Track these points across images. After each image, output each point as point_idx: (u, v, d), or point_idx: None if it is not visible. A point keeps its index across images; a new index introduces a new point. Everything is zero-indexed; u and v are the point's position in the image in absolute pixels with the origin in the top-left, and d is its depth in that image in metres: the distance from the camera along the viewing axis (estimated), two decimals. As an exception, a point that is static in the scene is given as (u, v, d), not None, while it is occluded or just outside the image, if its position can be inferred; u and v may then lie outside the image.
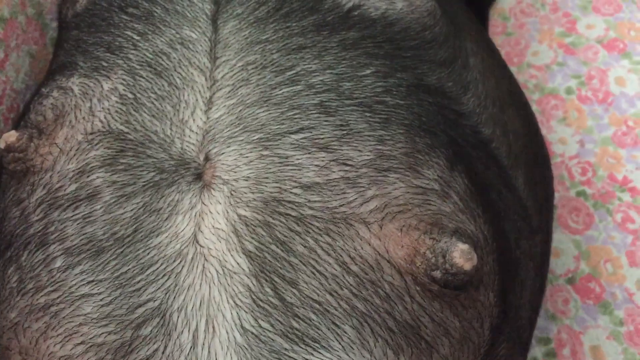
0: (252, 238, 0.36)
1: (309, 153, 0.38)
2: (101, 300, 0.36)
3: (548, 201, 0.50)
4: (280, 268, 0.35)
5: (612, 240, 0.58)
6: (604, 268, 0.57)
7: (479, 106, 0.45)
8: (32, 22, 0.56)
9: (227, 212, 0.37)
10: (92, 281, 0.37)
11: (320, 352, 0.34)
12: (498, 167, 0.44)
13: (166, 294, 0.36)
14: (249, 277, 0.35)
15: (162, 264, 0.36)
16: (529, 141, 0.49)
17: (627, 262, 0.57)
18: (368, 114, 0.40)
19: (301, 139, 0.39)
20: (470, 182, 0.40)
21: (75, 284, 0.37)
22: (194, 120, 0.40)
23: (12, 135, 0.41)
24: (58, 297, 0.37)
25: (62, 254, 0.38)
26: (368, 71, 0.42)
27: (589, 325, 0.55)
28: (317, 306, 0.35)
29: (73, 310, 0.37)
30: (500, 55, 0.55)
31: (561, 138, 0.66)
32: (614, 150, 0.63)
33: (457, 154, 0.41)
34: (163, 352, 0.35)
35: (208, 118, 0.40)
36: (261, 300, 0.35)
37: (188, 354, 0.34)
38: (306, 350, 0.34)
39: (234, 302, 0.35)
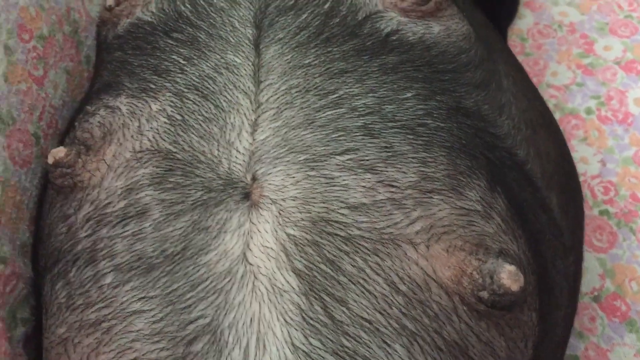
0: (302, 257, 0.37)
1: (355, 174, 0.39)
2: (153, 316, 0.37)
3: (579, 221, 0.51)
4: (330, 287, 0.36)
5: (636, 259, 0.59)
6: (629, 286, 0.58)
7: (514, 128, 0.46)
8: (68, 40, 0.57)
9: (276, 231, 0.38)
10: (143, 298, 0.38)
11: (371, 371, 0.35)
12: (533, 188, 0.45)
13: (216, 311, 0.37)
14: (298, 295, 0.36)
15: (211, 282, 0.37)
16: (561, 162, 0.50)
17: (651, 281, 0.58)
18: (411, 137, 0.41)
19: (347, 160, 0.40)
20: (509, 203, 0.41)
21: (126, 300, 0.38)
22: (240, 141, 0.41)
23: (60, 151, 0.42)
24: (109, 313, 0.38)
25: (112, 271, 0.39)
26: (409, 94, 0.43)
27: (615, 343, 0.56)
28: (367, 325, 0.35)
29: (125, 326, 0.37)
30: (528, 77, 0.56)
31: (582, 157, 0.67)
32: (636, 170, 0.64)
33: (495, 176, 0.42)
34: (215, 369, 0.35)
35: (254, 139, 0.41)
36: (311, 318, 0.36)
37: (240, 370, 0.35)
38: (357, 368, 0.35)
39: (284, 319, 0.36)
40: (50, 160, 0.42)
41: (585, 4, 0.81)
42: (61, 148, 0.42)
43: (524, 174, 0.45)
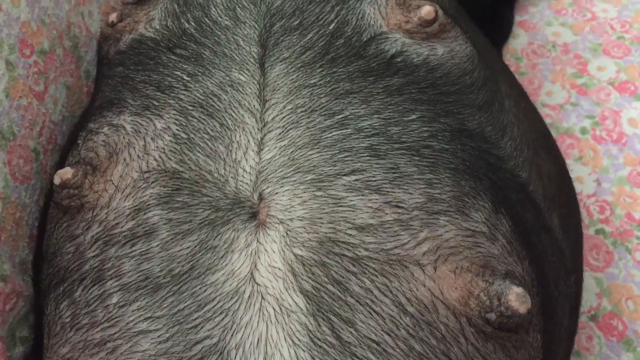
0: (309, 277, 0.37)
1: (362, 195, 0.39)
2: (159, 336, 0.37)
3: (579, 242, 0.51)
4: (338, 307, 0.36)
5: (633, 278, 0.60)
6: (626, 305, 0.58)
7: (516, 149, 0.46)
8: (68, 55, 0.57)
9: (283, 251, 0.38)
10: (150, 317, 0.38)
11: (380, 391, 0.35)
12: (535, 210, 0.45)
13: (223, 331, 0.36)
14: (306, 316, 0.36)
15: (219, 302, 0.37)
16: (561, 183, 0.50)
17: (648, 300, 0.58)
18: (416, 158, 0.41)
19: (353, 180, 0.40)
20: (513, 224, 0.41)
21: (132, 320, 0.38)
22: (246, 160, 0.41)
23: (67, 172, 0.41)
24: (115, 333, 0.38)
25: (118, 290, 0.39)
26: (414, 116, 0.43)
27: (613, 363, 0.56)
28: (375, 346, 0.35)
29: (131, 346, 0.37)
30: (529, 98, 0.57)
31: (578, 177, 0.67)
32: (630, 190, 0.65)
33: (499, 197, 0.42)
34: (222, 389, 0.35)
35: (260, 159, 0.41)
36: (319, 339, 0.36)
37: (247, 391, 0.35)
38: (366, 389, 0.35)
39: (292, 340, 0.36)
40: (57, 181, 0.41)
41: (579, 24, 0.82)
42: (68, 169, 0.42)
43: (527, 195, 0.45)
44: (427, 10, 0.47)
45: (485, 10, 0.81)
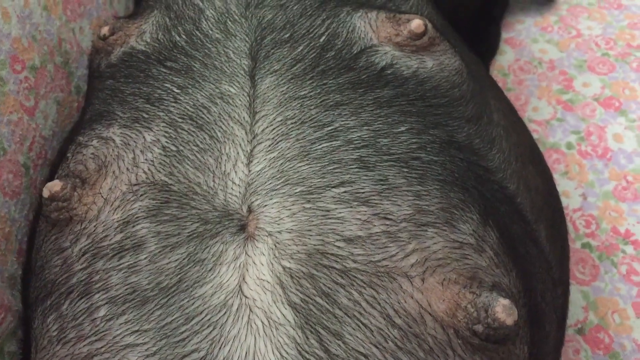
0: (297, 290, 0.37)
1: (351, 207, 0.39)
2: (146, 350, 0.37)
3: (565, 254, 0.52)
4: (326, 320, 0.36)
5: (618, 292, 0.60)
6: (612, 319, 0.59)
7: (504, 162, 0.47)
8: (59, 70, 0.57)
9: (272, 264, 0.38)
10: (137, 331, 0.37)
11: (368, 404, 0.35)
12: (523, 222, 0.45)
13: (211, 344, 0.36)
14: (294, 329, 0.36)
15: (206, 315, 0.37)
16: (548, 196, 0.51)
17: (634, 313, 0.59)
18: (405, 170, 0.41)
19: (342, 192, 0.40)
20: (501, 236, 0.42)
21: (120, 334, 0.37)
22: (235, 172, 0.41)
23: (56, 185, 0.41)
24: (102, 347, 0.37)
25: (106, 303, 0.38)
26: (403, 128, 0.44)
27: (601, 376, 0.56)
28: (363, 358, 0.35)
29: (118, 360, 0.37)
30: (517, 112, 0.57)
31: (564, 191, 0.68)
32: (616, 204, 0.66)
33: (487, 209, 0.43)
34: (211, 403, 0.35)
35: (250, 171, 0.41)
36: (307, 352, 0.36)
37: (235, 404, 0.35)
38: (354, 401, 0.35)
39: (280, 353, 0.36)
40: (45, 194, 0.41)
41: (564, 41, 0.83)
42: (57, 182, 0.42)
43: (515, 207, 0.45)
44: (416, 24, 0.47)
45: (473, 27, 0.83)
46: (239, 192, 0.41)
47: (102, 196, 0.41)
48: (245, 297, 0.37)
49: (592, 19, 0.85)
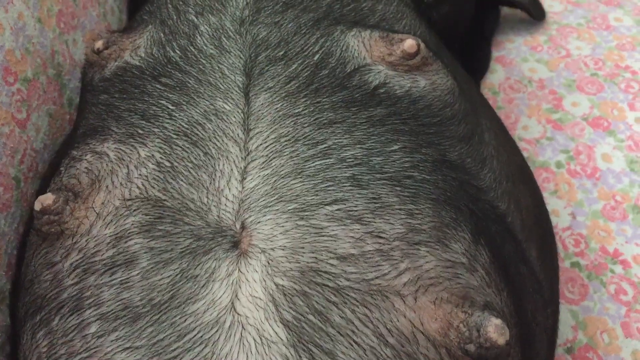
0: (290, 307, 0.37)
1: (344, 225, 0.40)
2: (137, 367, 0.36)
3: (555, 274, 0.52)
4: (318, 338, 0.36)
5: (607, 311, 0.61)
6: (601, 338, 0.59)
7: (495, 181, 0.47)
8: (52, 83, 0.57)
9: (265, 281, 0.38)
10: (129, 348, 0.37)
11: (360, 423, 0.35)
12: (514, 241, 0.46)
13: (203, 362, 0.36)
14: (287, 347, 0.36)
15: (199, 332, 0.37)
16: (538, 215, 0.51)
17: (622, 333, 0.59)
18: (398, 188, 0.42)
19: (335, 210, 0.40)
20: (492, 256, 0.42)
21: (111, 351, 0.37)
22: (229, 189, 0.41)
23: (48, 198, 0.41)
24: (93, 364, 0.37)
25: (97, 320, 0.38)
26: (395, 147, 0.44)
27: (590, 395, 0.56)
28: (356, 377, 0.35)
29: (109, 377, 0.37)
30: (508, 132, 0.58)
31: (554, 210, 0.69)
32: (604, 224, 0.67)
33: (479, 228, 0.43)
34: (203, 421, 0.35)
35: (243, 187, 0.41)
36: (299, 370, 0.36)
37: (228, 423, 0.35)
38: (346, 421, 0.35)
39: (272, 371, 0.36)
40: (37, 207, 0.41)
41: (554, 61, 0.84)
42: (49, 195, 0.41)
43: (506, 227, 0.46)
44: (409, 44, 0.48)
45: (465, 45, 0.83)
46: (233, 209, 0.41)
47: (94, 210, 0.41)
48: (238, 314, 0.37)
49: (581, 39, 0.86)
